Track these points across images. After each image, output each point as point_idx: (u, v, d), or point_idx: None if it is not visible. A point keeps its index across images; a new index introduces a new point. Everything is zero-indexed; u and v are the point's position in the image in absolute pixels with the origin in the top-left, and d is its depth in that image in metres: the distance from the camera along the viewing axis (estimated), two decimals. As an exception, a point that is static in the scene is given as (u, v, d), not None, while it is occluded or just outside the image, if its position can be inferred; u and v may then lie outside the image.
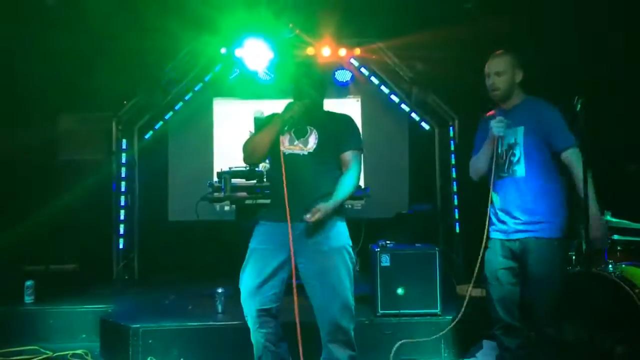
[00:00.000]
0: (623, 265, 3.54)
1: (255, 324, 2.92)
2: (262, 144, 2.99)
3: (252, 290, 2.88)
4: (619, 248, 3.76)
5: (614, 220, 3.71)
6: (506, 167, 3.04)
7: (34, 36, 5.27)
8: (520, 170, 3.00)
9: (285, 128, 2.96)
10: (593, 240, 2.75)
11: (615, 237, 3.73)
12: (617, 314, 3.28)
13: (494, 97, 3.10)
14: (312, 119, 3.03)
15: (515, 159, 3.01)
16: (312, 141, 2.97)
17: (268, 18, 5.66)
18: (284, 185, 2.83)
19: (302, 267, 2.89)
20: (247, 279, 2.91)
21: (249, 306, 2.91)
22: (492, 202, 3.12)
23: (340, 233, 2.94)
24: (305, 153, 2.94)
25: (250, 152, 3.02)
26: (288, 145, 2.98)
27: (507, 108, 3.09)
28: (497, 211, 3.09)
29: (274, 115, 3.08)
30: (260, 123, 3.36)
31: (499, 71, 3.05)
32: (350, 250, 2.95)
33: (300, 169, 2.91)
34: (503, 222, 3.05)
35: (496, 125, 3.00)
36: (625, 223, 3.71)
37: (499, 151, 3.05)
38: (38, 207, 5.58)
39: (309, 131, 3.00)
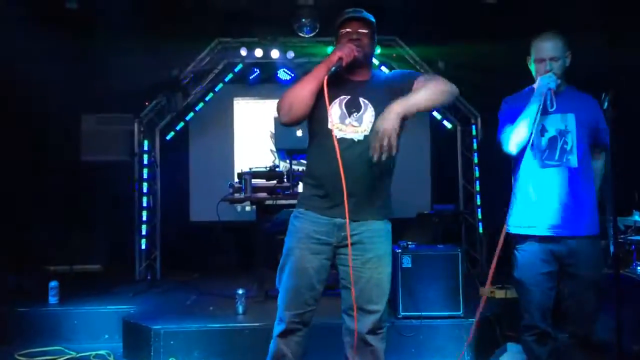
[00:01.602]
0: (652, 267, 3.45)
1: (283, 328, 2.53)
2: (302, 96, 2.39)
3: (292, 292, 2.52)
4: (647, 249, 3.66)
5: (642, 220, 3.61)
6: (557, 154, 2.75)
7: (57, 38, 5.33)
8: (573, 159, 2.73)
9: (333, 69, 2.38)
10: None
11: (644, 237, 3.64)
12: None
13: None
14: (365, 87, 2.51)
15: (568, 147, 2.73)
16: (368, 120, 2.43)
17: (287, 17, 5.65)
18: (335, 172, 2.34)
19: (342, 272, 2.53)
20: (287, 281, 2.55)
21: (287, 310, 2.51)
22: (523, 194, 2.79)
23: (387, 238, 2.55)
24: (361, 137, 2.41)
25: (287, 107, 2.41)
26: (338, 123, 2.44)
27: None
28: (537, 205, 2.77)
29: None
30: None
31: (555, 56, 2.74)
32: (390, 256, 2.59)
33: (351, 159, 2.40)
34: (546, 218, 2.74)
35: (549, 78, 2.69)
36: (654, 223, 3.61)
37: (542, 135, 2.75)
38: (62, 208, 5.65)
39: (362, 106, 2.46)
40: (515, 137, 2.76)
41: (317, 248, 2.48)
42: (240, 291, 4.18)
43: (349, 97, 2.47)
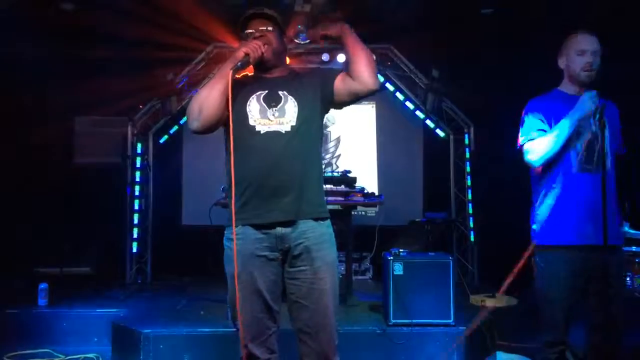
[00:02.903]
0: (641, 278, 3.48)
1: None
2: (212, 97, 2.24)
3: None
4: (637, 260, 3.69)
5: (632, 232, 3.64)
6: (595, 158, 2.55)
7: (52, 40, 5.32)
8: (608, 164, 2.56)
9: (238, 65, 2.23)
10: None
11: (634, 248, 3.67)
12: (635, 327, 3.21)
13: (588, 78, 2.62)
14: (283, 82, 2.37)
15: (604, 151, 2.54)
16: (292, 110, 2.28)
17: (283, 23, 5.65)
18: (231, 172, 2.26)
19: (291, 287, 2.33)
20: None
21: (252, 342, 2.29)
22: (555, 199, 2.59)
23: (332, 243, 2.36)
24: (288, 129, 2.26)
25: (197, 111, 2.26)
26: (260, 118, 2.28)
27: (576, 94, 2.65)
28: (569, 212, 2.57)
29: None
30: None
31: (596, 50, 2.60)
32: (337, 263, 2.42)
33: (279, 152, 2.24)
34: (581, 227, 2.55)
35: (591, 99, 2.51)
36: (644, 235, 3.64)
37: (582, 140, 2.58)
38: (53, 210, 5.63)
39: (282, 98, 2.31)
40: (541, 151, 2.60)
41: (264, 267, 2.30)
42: (231, 296, 4.16)
43: (266, 91, 2.33)
